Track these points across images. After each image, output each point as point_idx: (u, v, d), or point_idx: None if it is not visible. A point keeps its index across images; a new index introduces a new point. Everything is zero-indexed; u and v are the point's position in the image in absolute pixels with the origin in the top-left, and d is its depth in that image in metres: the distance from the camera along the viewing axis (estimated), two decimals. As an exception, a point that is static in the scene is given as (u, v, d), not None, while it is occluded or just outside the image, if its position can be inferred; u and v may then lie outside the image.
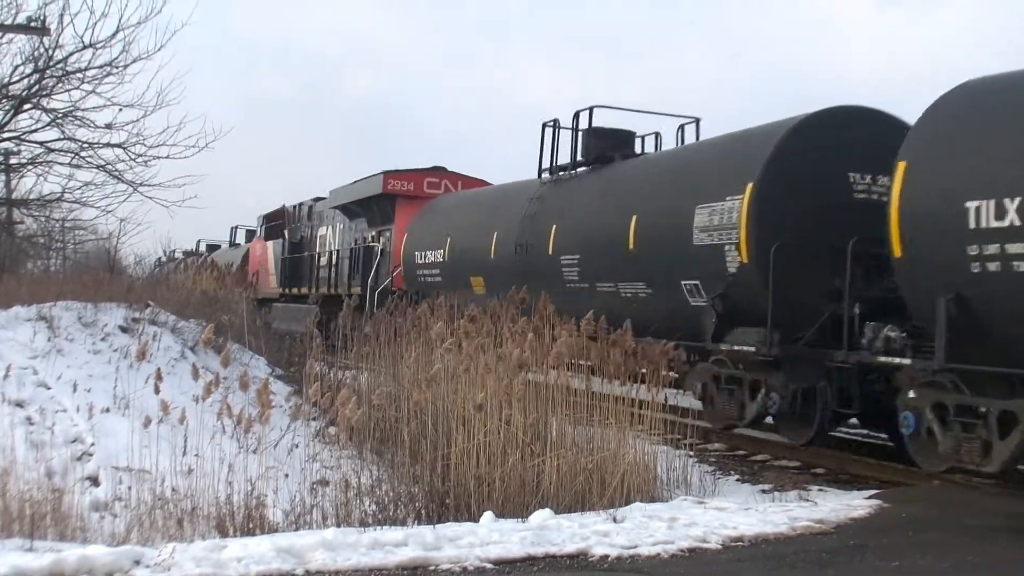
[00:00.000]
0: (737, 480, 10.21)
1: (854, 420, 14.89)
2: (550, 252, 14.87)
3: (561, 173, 16.32)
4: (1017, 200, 8.09)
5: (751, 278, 10.92)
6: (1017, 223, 8.08)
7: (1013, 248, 8.14)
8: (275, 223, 31.53)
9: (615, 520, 6.76)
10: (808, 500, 8.17)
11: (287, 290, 28.33)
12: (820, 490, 9.30)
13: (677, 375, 11.86)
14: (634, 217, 13.13)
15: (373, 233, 23.09)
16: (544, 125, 16.53)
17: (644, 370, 9.37)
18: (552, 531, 6.38)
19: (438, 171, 22.94)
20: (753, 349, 10.73)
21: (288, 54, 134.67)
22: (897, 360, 9.45)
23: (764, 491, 9.18)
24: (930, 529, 6.91)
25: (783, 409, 10.77)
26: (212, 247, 42.74)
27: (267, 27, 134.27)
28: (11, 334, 11.75)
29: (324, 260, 25.94)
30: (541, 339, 9.41)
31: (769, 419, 11.36)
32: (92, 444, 9.22)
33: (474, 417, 8.15)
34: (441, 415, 8.57)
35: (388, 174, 22.17)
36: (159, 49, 17.36)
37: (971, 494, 8.55)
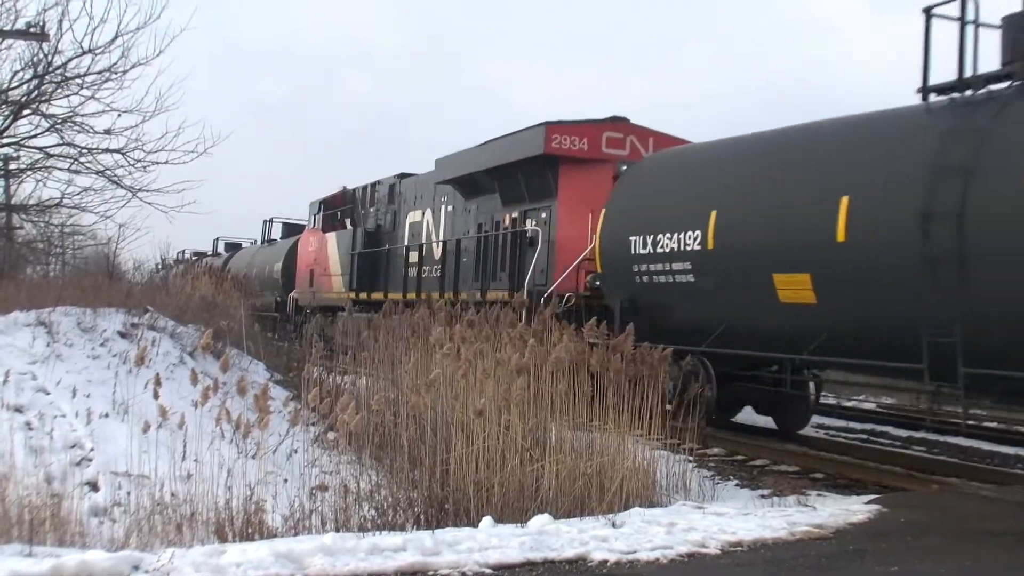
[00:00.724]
0: (736, 485, 10.21)
1: (852, 424, 14.98)
2: None
3: (996, 87, 9.66)
4: None
5: None
6: None
7: None
8: (337, 209, 25.08)
9: (614, 525, 6.76)
10: (807, 505, 8.16)
11: (362, 295, 21.70)
12: (819, 495, 9.30)
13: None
14: None
15: (514, 214, 16.63)
16: (929, 12, 10.01)
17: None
18: (551, 536, 6.37)
19: (619, 123, 16.13)
20: None
21: (286, 59, 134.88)
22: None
23: (763, 496, 9.17)
24: (929, 534, 6.91)
25: None
26: (233, 246, 38.12)
27: (265, 32, 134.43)
28: (10, 339, 11.75)
29: (426, 253, 19.43)
30: (541, 344, 9.42)
31: None
32: (91, 449, 9.22)
33: (473, 422, 8.16)
34: (440, 420, 8.57)
35: (552, 126, 15.51)
36: (158, 55, 17.37)
37: (970, 499, 8.56)
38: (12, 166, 21.35)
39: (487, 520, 6.88)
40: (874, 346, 10.03)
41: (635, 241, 13.03)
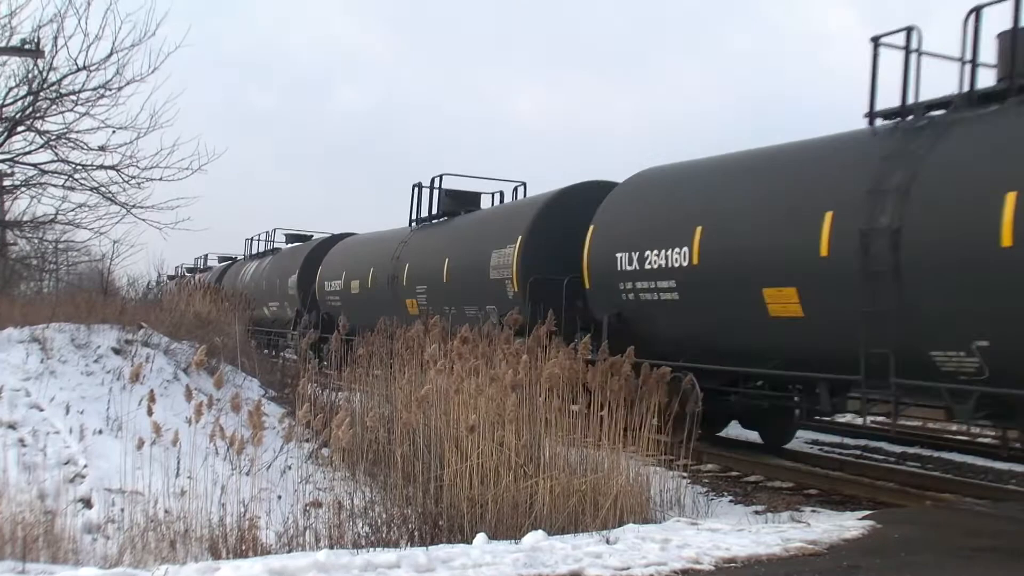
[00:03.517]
0: (730, 501, 10.22)
1: (847, 440, 14.99)
2: None
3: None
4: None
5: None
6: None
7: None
8: None
9: (608, 541, 6.76)
10: (801, 521, 8.18)
11: None
12: (813, 511, 9.31)
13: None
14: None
15: None
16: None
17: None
18: (545, 553, 6.37)
19: None
20: None
21: (280, 75, 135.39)
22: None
23: (757, 512, 9.19)
24: (922, 550, 6.92)
25: None
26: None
27: (258, 48, 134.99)
28: (4, 356, 11.74)
29: None
30: (535, 360, 9.43)
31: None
32: (85, 466, 9.20)
33: (467, 439, 8.16)
34: (434, 437, 8.57)
35: None
36: (153, 71, 17.38)
37: (963, 515, 8.57)
38: (6, 182, 21.29)
39: (481, 537, 6.88)
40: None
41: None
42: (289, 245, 33.05)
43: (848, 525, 7.74)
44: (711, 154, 13.75)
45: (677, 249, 12.48)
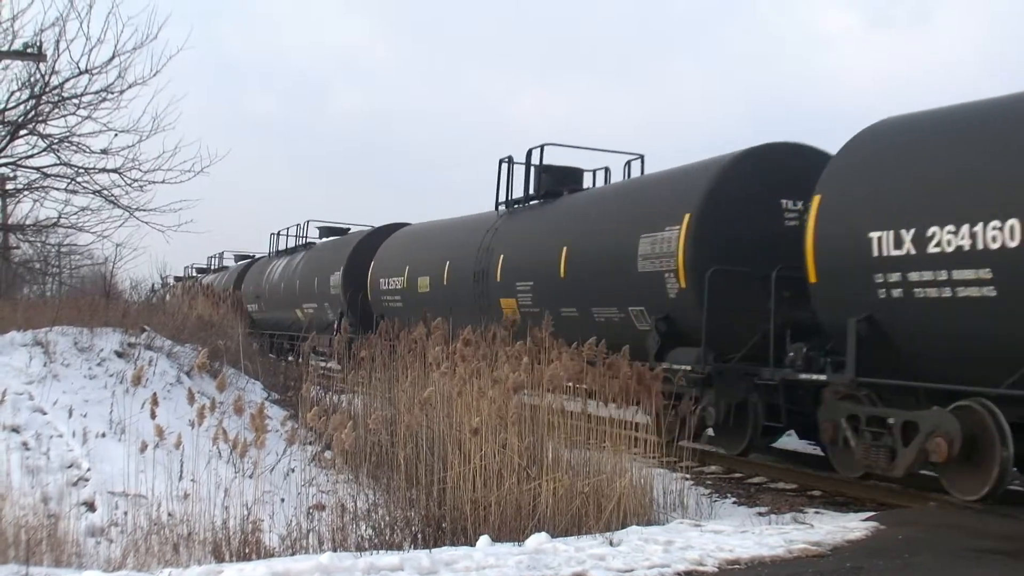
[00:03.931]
0: (733, 503, 10.20)
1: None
2: None
3: None
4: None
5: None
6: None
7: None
8: None
9: (612, 543, 6.76)
10: (804, 523, 8.17)
11: None
12: (816, 512, 9.29)
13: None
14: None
15: None
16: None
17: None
18: (548, 555, 6.37)
19: None
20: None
21: (280, 77, 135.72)
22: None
23: (760, 514, 9.17)
24: (925, 551, 6.92)
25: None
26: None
27: (258, 51, 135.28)
28: (7, 359, 11.75)
29: None
30: (537, 362, 9.42)
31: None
32: (88, 469, 9.21)
33: (470, 441, 8.16)
34: (437, 439, 8.57)
35: None
36: (155, 75, 17.33)
37: (965, 516, 8.56)
38: (9, 186, 21.32)
39: (484, 539, 6.88)
40: None
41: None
42: (325, 239, 29.61)
43: (851, 526, 7.74)
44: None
45: (995, 223, 8.40)
